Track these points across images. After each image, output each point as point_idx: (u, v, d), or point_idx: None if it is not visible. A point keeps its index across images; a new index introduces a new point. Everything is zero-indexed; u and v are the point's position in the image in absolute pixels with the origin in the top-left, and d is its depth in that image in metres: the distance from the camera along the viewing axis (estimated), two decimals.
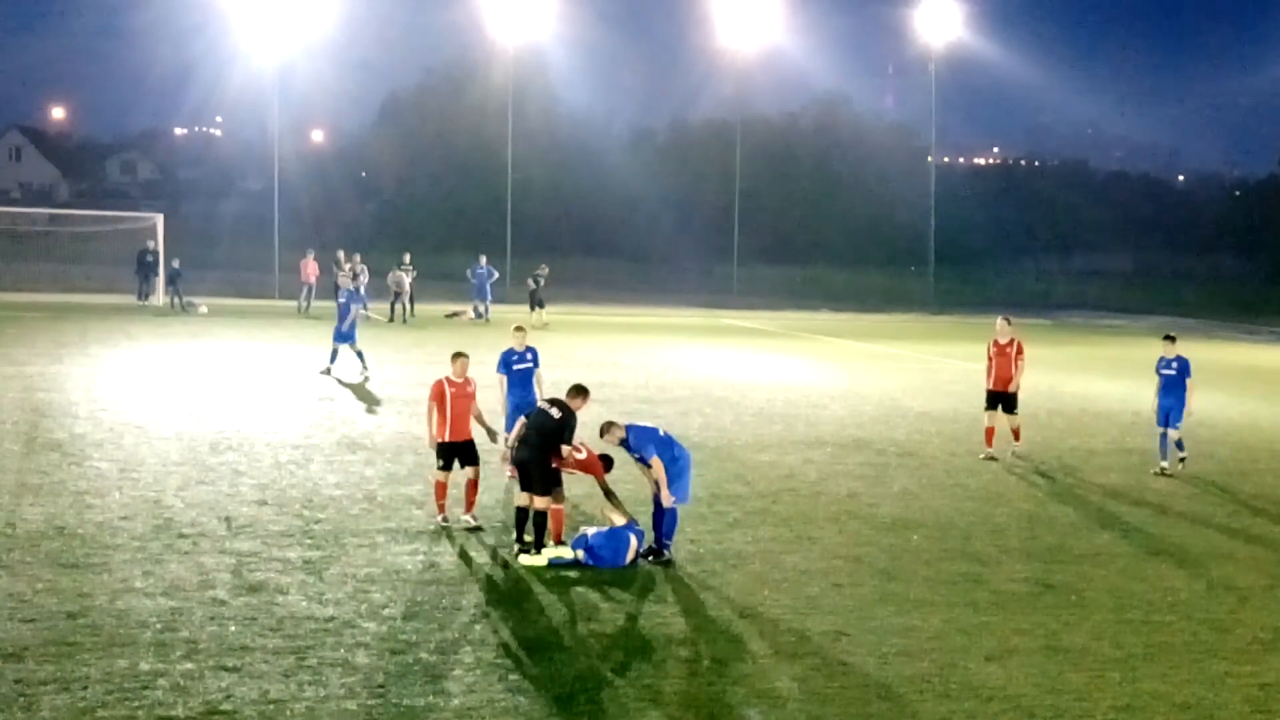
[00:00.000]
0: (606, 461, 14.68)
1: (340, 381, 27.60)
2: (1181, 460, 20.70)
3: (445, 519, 15.26)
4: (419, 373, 30.00)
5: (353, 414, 23.31)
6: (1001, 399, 21.42)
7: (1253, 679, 11.27)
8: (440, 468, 15.32)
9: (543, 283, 47.75)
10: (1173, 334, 21.32)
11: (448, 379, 15.32)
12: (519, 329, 18.29)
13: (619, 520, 14.30)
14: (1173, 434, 20.56)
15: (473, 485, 15.33)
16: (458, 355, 15.56)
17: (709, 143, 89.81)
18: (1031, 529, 16.58)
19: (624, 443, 14.43)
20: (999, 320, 22.10)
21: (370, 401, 24.96)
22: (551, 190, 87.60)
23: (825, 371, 34.52)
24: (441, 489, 15.39)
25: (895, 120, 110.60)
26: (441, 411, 15.18)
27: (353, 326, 28.75)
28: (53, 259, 56.28)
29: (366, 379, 28.00)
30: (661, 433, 14.72)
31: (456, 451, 15.26)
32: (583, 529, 14.35)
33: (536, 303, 47.15)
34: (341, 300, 29.47)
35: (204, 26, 74.05)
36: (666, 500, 14.17)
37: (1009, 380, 21.28)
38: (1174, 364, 20.63)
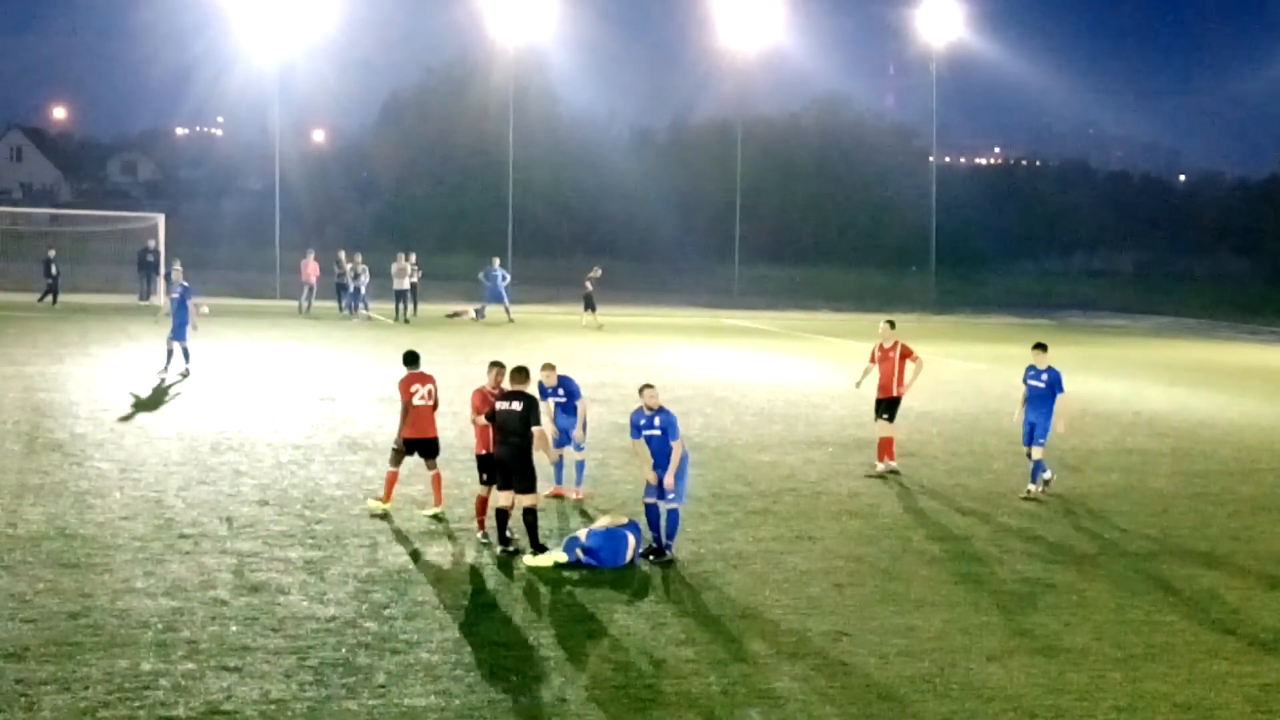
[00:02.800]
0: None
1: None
2: (1046, 483, 18.47)
3: (485, 535, 14.71)
4: None
5: (353, 414, 23.31)
6: (886, 405, 19.95)
7: (1254, 679, 11.28)
8: (483, 482, 14.89)
9: (590, 286, 47.78)
10: (1044, 342, 18.92)
11: (486, 390, 14.78)
12: (547, 366, 16.74)
13: (620, 520, 14.31)
14: (1035, 452, 18.33)
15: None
16: (494, 365, 14.89)
17: (710, 143, 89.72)
18: (1032, 529, 16.59)
19: (658, 411, 14.34)
20: (881, 324, 20.74)
21: (371, 402, 24.95)
22: (552, 190, 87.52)
23: (826, 371, 34.49)
24: (481, 504, 14.91)
25: (896, 120, 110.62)
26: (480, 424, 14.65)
27: (184, 323, 27.71)
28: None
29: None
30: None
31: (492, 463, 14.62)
32: (575, 531, 14.29)
33: (590, 305, 47.24)
34: (175, 295, 28.31)
35: (205, 26, 74.10)
36: (669, 482, 14.16)
37: (890, 385, 19.92)
38: (1044, 375, 18.40)
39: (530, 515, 14.11)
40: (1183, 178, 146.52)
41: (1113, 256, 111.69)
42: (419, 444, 15.83)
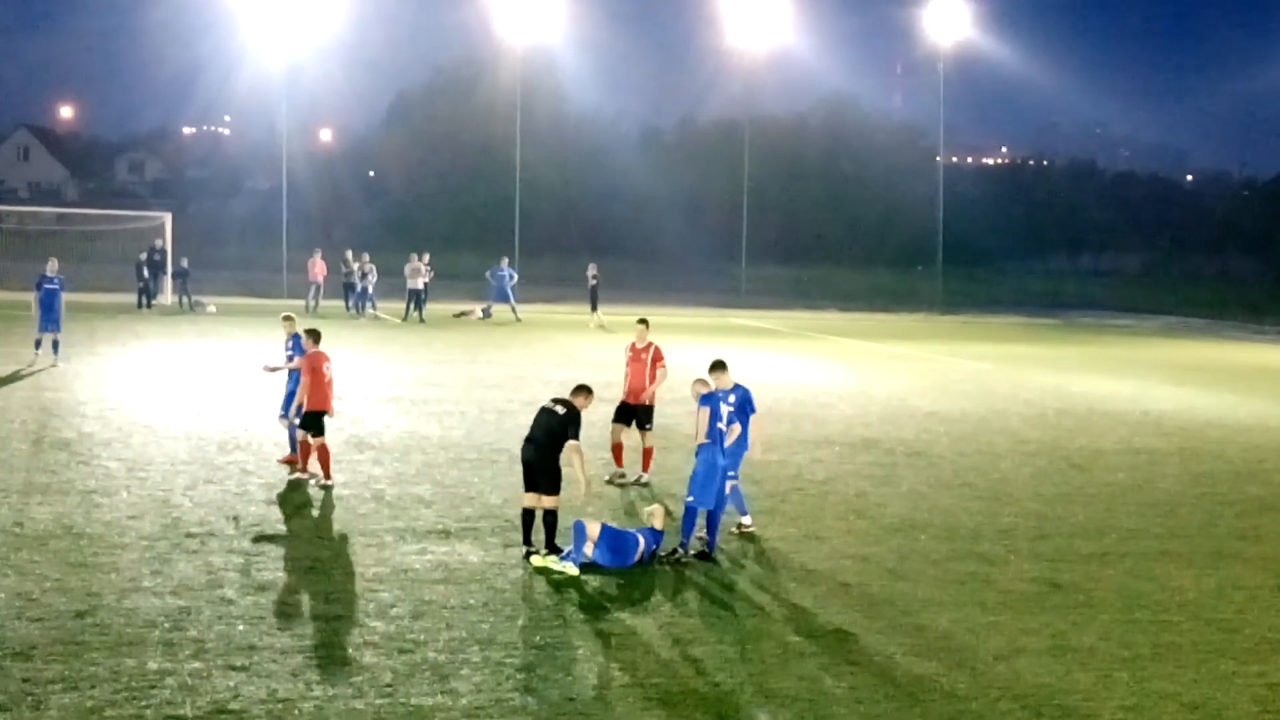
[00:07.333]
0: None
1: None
2: (739, 526, 15.62)
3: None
4: (426, 372, 30.02)
5: (360, 413, 23.32)
6: (634, 412, 18.25)
7: (1260, 679, 11.26)
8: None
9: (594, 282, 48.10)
10: (721, 359, 15.48)
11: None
12: (286, 318, 19.89)
13: (658, 523, 14.37)
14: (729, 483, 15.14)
15: None
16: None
17: (717, 142, 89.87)
18: (1039, 529, 16.56)
19: (723, 393, 14.87)
20: (637, 324, 19.13)
21: (378, 401, 24.96)
22: (560, 190, 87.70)
23: (833, 371, 34.48)
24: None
25: (903, 120, 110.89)
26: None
27: (59, 314, 28.41)
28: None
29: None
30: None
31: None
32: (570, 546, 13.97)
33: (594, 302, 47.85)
34: (55, 287, 28.84)
35: (213, 26, 74.23)
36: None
37: (641, 390, 18.25)
38: (731, 397, 15.06)
39: (550, 518, 14.09)
40: (1190, 177, 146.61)
41: (1120, 256, 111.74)
42: None
